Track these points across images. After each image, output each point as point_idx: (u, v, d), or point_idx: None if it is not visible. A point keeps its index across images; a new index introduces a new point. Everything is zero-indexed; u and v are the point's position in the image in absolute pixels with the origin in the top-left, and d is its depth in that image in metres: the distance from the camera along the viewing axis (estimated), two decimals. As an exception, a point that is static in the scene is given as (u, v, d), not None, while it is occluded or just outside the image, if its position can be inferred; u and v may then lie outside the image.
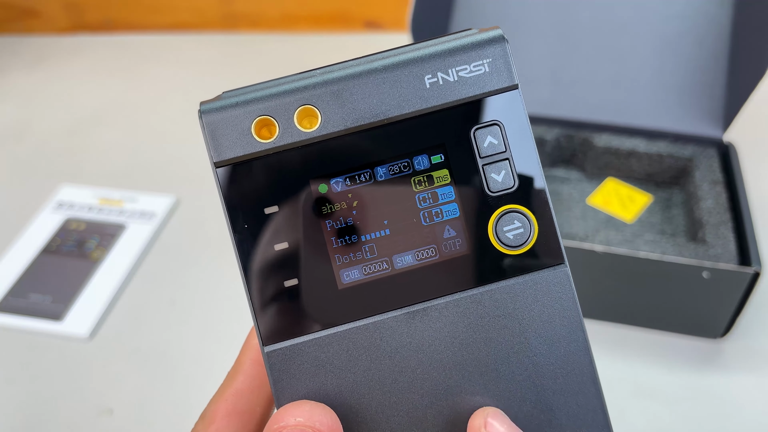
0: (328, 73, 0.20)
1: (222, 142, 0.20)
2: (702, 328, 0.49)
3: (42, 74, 0.89)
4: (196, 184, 0.67)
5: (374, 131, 0.20)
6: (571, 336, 0.21)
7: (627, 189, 0.58)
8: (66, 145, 0.76)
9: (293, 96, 0.20)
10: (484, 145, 0.21)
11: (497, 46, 0.20)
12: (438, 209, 0.21)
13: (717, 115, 0.56)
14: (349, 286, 0.21)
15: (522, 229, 0.21)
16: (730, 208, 0.50)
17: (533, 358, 0.21)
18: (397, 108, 0.20)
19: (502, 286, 0.21)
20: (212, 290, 0.57)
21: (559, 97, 0.59)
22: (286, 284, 0.20)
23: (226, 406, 0.22)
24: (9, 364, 0.51)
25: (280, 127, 0.20)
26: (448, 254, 0.21)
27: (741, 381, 0.46)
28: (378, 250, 0.21)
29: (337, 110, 0.20)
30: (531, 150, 0.21)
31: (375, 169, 0.21)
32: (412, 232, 0.21)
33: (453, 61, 0.20)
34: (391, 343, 0.20)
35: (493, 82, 0.20)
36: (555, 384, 0.21)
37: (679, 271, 0.45)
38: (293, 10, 0.95)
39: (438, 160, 0.21)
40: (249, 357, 0.23)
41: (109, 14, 0.98)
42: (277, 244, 0.20)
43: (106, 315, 0.55)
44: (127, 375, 0.50)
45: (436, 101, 0.20)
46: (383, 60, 0.21)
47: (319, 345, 0.20)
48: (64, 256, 0.60)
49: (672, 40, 0.58)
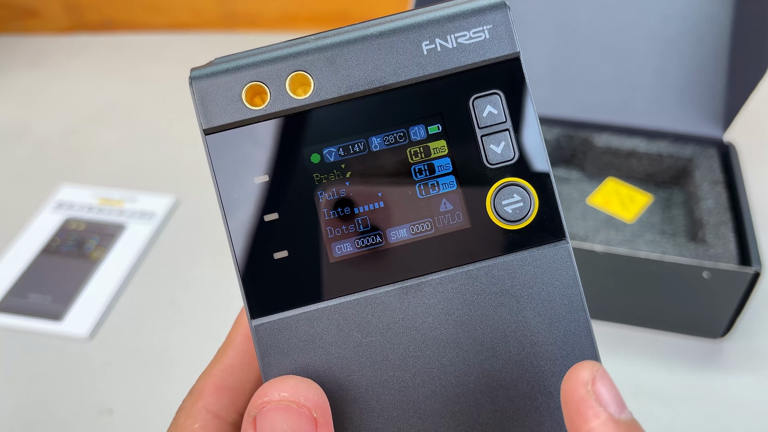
0: (321, 39, 0.20)
1: (212, 109, 0.20)
2: (702, 328, 0.49)
3: (42, 74, 0.89)
4: (196, 184, 0.67)
5: (369, 99, 0.20)
6: (571, 316, 0.20)
7: (627, 189, 0.58)
8: (66, 145, 0.76)
9: (285, 62, 0.19)
10: (483, 115, 0.20)
11: (498, 12, 0.20)
12: (434, 181, 0.20)
13: (717, 115, 0.56)
14: (341, 260, 0.20)
15: (521, 203, 0.20)
16: (730, 208, 0.50)
17: (531, 338, 0.20)
18: (393, 75, 0.20)
19: (500, 262, 0.20)
20: (212, 290, 0.57)
21: (559, 97, 0.59)
22: (275, 256, 0.20)
23: (215, 381, 0.22)
24: (9, 364, 0.51)
25: (271, 93, 0.20)
26: (444, 228, 0.20)
27: (741, 381, 0.46)
28: (371, 223, 0.20)
29: (330, 77, 0.19)
30: (532, 121, 0.20)
31: (369, 139, 0.20)
32: (408, 205, 0.20)
33: (452, 27, 0.20)
34: (383, 319, 0.20)
35: (494, 49, 0.20)
36: (554, 366, 0.20)
37: (679, 271, 0.45)
38: (293, 10, 0.95)
39: (435, 130, 0.20)
40: (240, 333, 0.23)
41: (109, 14, 0.98)
42: (267, 214, 0.20)
43: (106, 315, 0.55)
44: (127, 375, 0.50)
45: (434, 69, 0.20)
46: (379, 26, 0.20)
47: (308, 319, 0.20)
48: (64, 256, 0.60)
49: (672, 40, 0.58)
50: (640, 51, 0.59)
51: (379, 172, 0.20)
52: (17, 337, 0.53)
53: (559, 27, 0.60)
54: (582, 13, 0.60)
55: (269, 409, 0.18)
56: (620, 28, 0.59)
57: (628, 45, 0.59)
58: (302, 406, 0.18)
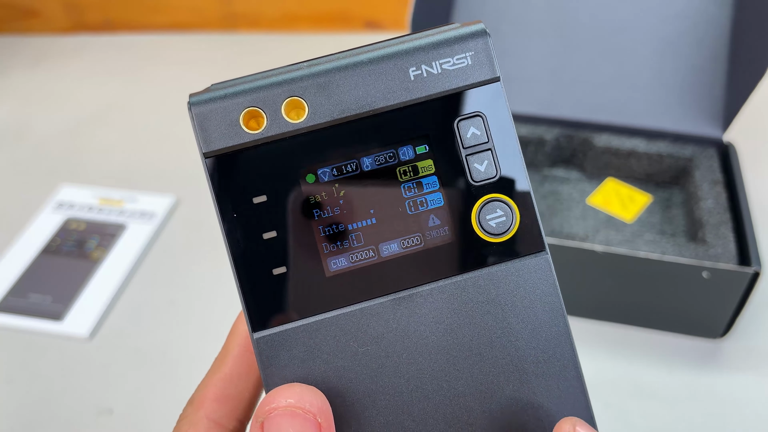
0: (315, 65, 0.21)
1: (211, 133, 0.20)
2: (702, 328, 0.49)
3: (42, 74, 0.89)
4: (196, 184, 0.67)
5: (360, 122, 0.21)
6: (552, 321, 0.21)
7: (627, 189, 0.58)
8: (66, 145, 0.76)
9: (281, 88, 0.20)
10: (467, 135, 0.21)
11: (479, 39, 0.21)
12: (423, 198, 0.21)
13: (717, 115, 0.56)
14: (337, 274, 0.21)
15: (504, 217, 0.21)
16: (729, 208, 0.50)
17: (515, 343, 0.21)
18: (383, 99, 0.21)
19: (485, 273, 0.21)
20: (212, 290, 0.57)
21: (559, 97, 0.59)
22: (274, 272, 0.21)
23: (215, 391, 0.23)
24: (9, 364, 0.51)
25: (267, 118, 0.20)
26: (432, 242, 0.21)
27: (741, 381, 0.47)
28: (365, 239, 0.21)
29: (323, 102, 0.21)
30: (513, 140, 0.21)
31: (361, 160, 0.21)
32: (398, 221, 0.21)
33: (437, 54, 0.21)
34: (377, 329, 0.21)
35: (476, 74, 0.21)
36: (537, 368, 0.21)
37: (678, 271, 0.45)
38: (293, 10, 0.95)
39: (422, 150, 0.21)
40: (237, 342, 0.24)
41: (109, 14, 0.98)
42: (265, 233, 0.21)
43: (106, 315, 0.55)
44: (127, 375, 0.50)
45: (421, 93, 0.21)
46: (369, 53, 0.21)
47: (307, 331, 0.21)
48: (64, 256, 0.60)
49: (672, 40, 0.58)
50: (639, 51, 0.59)
51: (370, 190, 0.21)
52: (17, 337, 0.53)
53: (559, 27, 0.60)
54: (582, 13, 0.60)
55: (276, 415, 0.19)
56: (620, 28, 0.59)
57: (628, 45, 0.59)
58: (307, 411, 0.19)
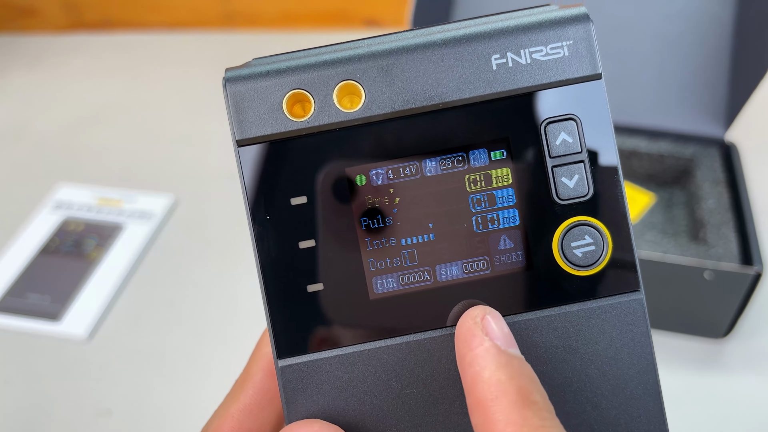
0: (376, 44, 0.17)
1: (247, 118, 0.17)
2: (704, 328, 0.48)
3: (40, 73, 0.89)
4: (195, 184, 0.67)
5: (426, 117, 0.17)
6: (640, 377, 0.18)
7: (628, 189, 0.58)
8: (64, 145, 0.75)
9: (334, 69, 0.17)
10: (556, 142, 0.18)
11: (581, 26, 0.17)
12: (494, 215, 0.18)
13: (719, 114, 0.56)
14: (382, 297, 0.18)
15: (594, 246, 0.18)
16: (731, 208, 0.50)
17: (594, 400, 0.18)
18: (456, 91, 0.17)
19: (564, 313, 0.18)
20: (211, 290, 0.56)
21: (559, 96, 0.59)
22: (309, 289, 0.18)
23: (233, 424, 0.20)
24: (7, 365, 0.51)
25: (316, 104, 0.17)
26: (501, 269, 0.18)
27: (743, 381, 0.46)
28: (419, 258, 0.18)
29: (384, 89, 0.17)
30: (611, 152, 0.17)
31: (423, 162, 0.18)
32: (462, 239, 0.18)
33: (527, 40, 0.17)
34: (426, 369, 0.17)
35: (573, 68, 0.17)
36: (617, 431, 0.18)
37: (680, 271, 0.45)
38: (292, 9, 0.95)
39: (499, 156, 0.17)
40: (260, 367, 0.20)
41: (108, 13, 0.98)
42: (302, 241, 0.18)
43: (104, 315, 0.54)
44: (126, 375, 0.50)
45: (503, 86, 0.17)
46: (444, 33, 0.17)
47: (342, 363, 0.18)
48: (62, 256, 0.59)
49: (673, 39, 0.58)
50: (641, 50, 0.59)
51: (431, 199, 0.18)
52: (15, 338, 0.53)
53: (559, 26, 0.60)
54: (583, 12, 0.60)
55: None
56: (621, 28, 0.59)
57: (629, 44, 0.59)
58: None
